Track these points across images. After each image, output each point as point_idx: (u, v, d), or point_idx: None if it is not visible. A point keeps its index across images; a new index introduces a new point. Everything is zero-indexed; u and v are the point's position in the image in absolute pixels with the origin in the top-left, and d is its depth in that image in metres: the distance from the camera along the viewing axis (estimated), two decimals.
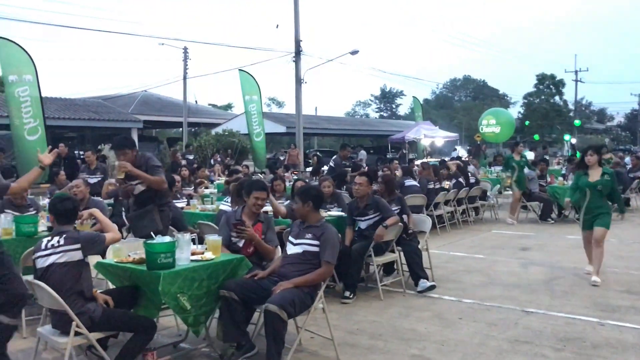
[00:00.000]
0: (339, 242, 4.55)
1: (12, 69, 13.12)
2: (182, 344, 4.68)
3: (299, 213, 4.65)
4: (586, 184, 6.57)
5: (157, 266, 3.93)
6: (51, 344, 3.93)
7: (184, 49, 31.55)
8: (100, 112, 24.73)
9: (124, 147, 5.36)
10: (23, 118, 13.13)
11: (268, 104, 58.42)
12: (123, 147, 5.38)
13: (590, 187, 6.53)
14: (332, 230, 4.55)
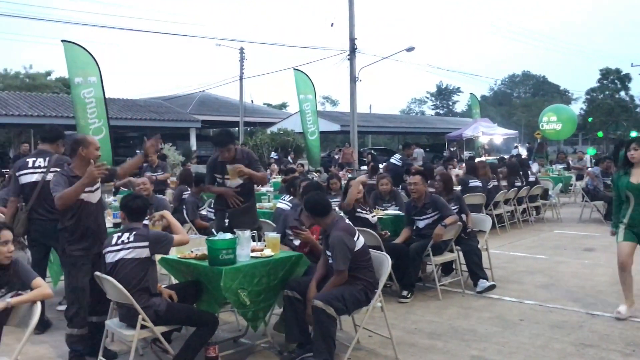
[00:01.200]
0: (344, 243, 4.18)
1: (78, 71, 13.59)
2: (242, 339, 4.76)
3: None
4: (628, 186, 5.07)
5: (219, 262, 4.03)
6: (118, 336, 4.07)
7: (241, 50, 32.05)
8: (160, 112, 25.45)
9: (228, 143, 5.28)
10: (88, 118, 13.59)
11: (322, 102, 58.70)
12: (227, 143, 5.28)
13: (634, 190, 5.05)
14: (335, 235, 4.23)
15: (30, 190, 4.89)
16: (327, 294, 4.05)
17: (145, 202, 4.20)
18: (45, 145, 5.09)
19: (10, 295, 3.34)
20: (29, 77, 38.10)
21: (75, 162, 4.29)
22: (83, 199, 4.21)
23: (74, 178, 4.20)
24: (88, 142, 4.28)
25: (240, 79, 31.86)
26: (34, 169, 4.93)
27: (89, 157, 4.24)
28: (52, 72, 39.86)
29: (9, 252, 3.36)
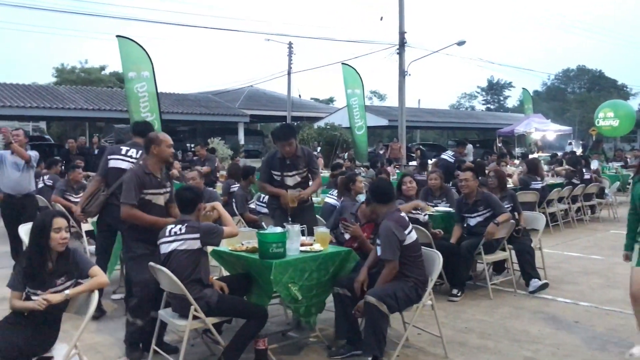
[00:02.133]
0: (392, 234, 4.16)
1: (132, 66, 13.90)
2: (290, 332, 4.79)
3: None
4: None
5: (269, 255, 4.05)
6: (171, 326, 4.15)
7: (289, 44, 32.21)
8: (209, 106, 25.82)
9: (291, 137, 5.23)
10: (141, 112, 13.90)
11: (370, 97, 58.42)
12: (290, 136, 5.24)
13: None
14: (385, 224, 4.23)
15: (115, 175, 5.00)
16: (380, 291, 4.02)
17: (196, 193, 4.23)
18: (138, 138, 5.20)
19: (70, 284, 3.45)
20: (85, 72, 39.33)
21: (149, 160, 4.36)
22: (150, 200, 4.32)
23: (147, 175, 4.31)
24: (160, 140, 4.35)
25: (288, 73, 32.02)
26: (125, 157, 5.08)
27: (160, 155, 4.34)
28: (106, 67, 41.07)
29: (61, 239, 3.43)
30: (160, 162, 4.38)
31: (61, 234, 3.43)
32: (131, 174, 4.34)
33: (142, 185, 4.29)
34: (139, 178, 4.29)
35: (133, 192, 4.24)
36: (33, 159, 7.09)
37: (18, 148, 6.89)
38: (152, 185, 4.34)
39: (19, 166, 6.99)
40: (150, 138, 4.40)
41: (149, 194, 4.32)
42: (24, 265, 3.48)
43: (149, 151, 4.35)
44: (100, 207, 5.07)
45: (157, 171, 4.37)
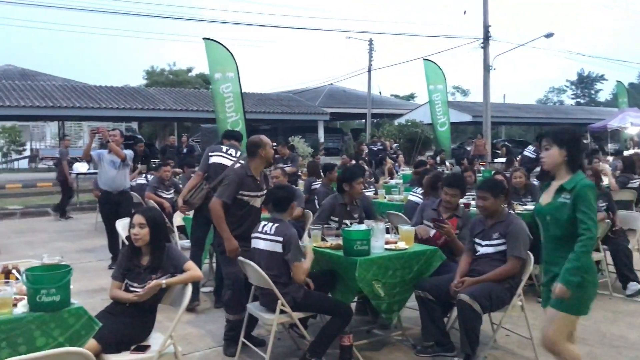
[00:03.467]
0: (525, 232, 4.19)
1: (218, 67, 14.31)
2: (375, 330, 4.78)
3: (491, 209, 4.32)
4: (536, 210, 3.35)
5: (354, 253, 4.07)
6: (259, 319, 4.25)
7: (370, 41, 32.07)
8: (290, 105, 26.21)
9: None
10: (226, 112, 14.30)
11: (452, 92, 57.03)
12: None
13: (540, 215, 3.27)
14: (519, 222, 4.25)
15: (216, 171, 5.29)
16: (475, 289, 3.95)
17: (289, 192, 4.28)
18: (233, 141, 5.70)
19: (165, 277, 3.61)
20: (173, 74, 40.92)
21: (254, 162, 4.50)
22: (248, 202, 4.47)
23: (249, 178, 4.46)
24: (265, 143, 4.50)
25: (368, 70, 31.91)
26: (226, 154, 5.46)
27: (267, 157, 4.50)
28: (192, 69, 42.51)
29: (133, 234, 3.61)
30: (265, 164, 4.55)
31: (136, 229, 3.60)
32: (235, 174, 4.49)
33: (241, 186, 4.44)
34: (240, 179, 4.45)
35: (230, 191, 4.40)
36: (128, 158, 7.46)
37: (115, 147, 7.28)
38: (251, 188, 4.49)
39: (115, 164, 7.37)
40: (255, 142, 4.53)
41: (247, 196, 4.46)
42: (121, 258, 3.72)
43: (257, 154, 4.49)
44: (202, 199, 5.31)
45: (258, 174, 4.51)
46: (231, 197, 4.41)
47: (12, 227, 10.94)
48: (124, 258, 3.73)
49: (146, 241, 3.63)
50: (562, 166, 3.14)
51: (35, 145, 32.62)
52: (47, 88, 20.85)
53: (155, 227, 3.64)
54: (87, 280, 6.60)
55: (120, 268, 3.70)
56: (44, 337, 2.89)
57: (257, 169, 4.53)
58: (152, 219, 3.65)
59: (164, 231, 3.75)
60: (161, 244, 3.68)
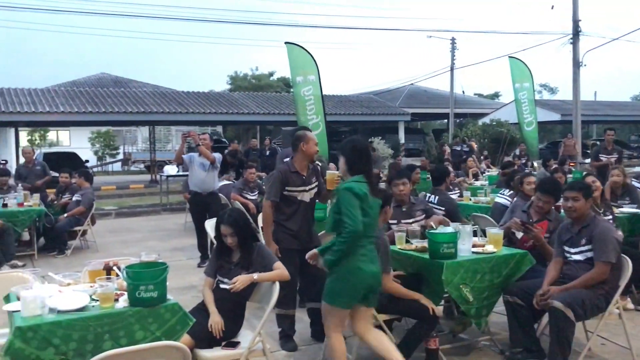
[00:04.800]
0: (613, 236, 3.94)
1: (299, 70, 14.52)
2: (461, 334, 4.68)
3: (580, 211, 4.10)
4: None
5: (440, 256, 4.01)
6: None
7: (452, 40, 31.48)
8: (371, 106, 26.14)
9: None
10: (307, 115, 14.46)
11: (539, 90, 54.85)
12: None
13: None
14: (605, 225, 4.05)
15: None
16: (568, 296, 3.78)
17: (384, 196, 4.15)
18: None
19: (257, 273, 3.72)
20: (255, 78, 41.92)
21: (296, 157, 4.58)
22: (295, 197, 4.54)
23: (292, 173, 4.53)
24: (308, 138, 4.55)
25: (451, 69, 31.30)
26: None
27: (308, 152, 4.54)
28: (274, 73, 43.38)
29: (230, 244, 3.75)
30: (307, 159, 4.57)
31: (228, 239, 3.75)
32: (277, 172, 4.61)
33: (285, 182, 4.52)
34: (283, 176, 4.53)
35: (275, 189, 4.51)
36: (217, 160, 7.72)
37: (205, 150, 7.55)
38: (297, 183, 4.55)
39: (205, 166, 7.64)
40: (298, 136, 4.60)
41: (293, 191, 4.53)
42: (212, 256, 3.89)
43: (298, 148, 4.56)
44: None
45: (303, 169, 4.55)
46: (278, 195, 4.51)
47: (107, 226, 11.59)
48: (215, 255, 3.89)
49: (236, 243, 3.76)
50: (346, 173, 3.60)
51: (127, 149, 34.39)
52: (139, 94, 21.92)
53: (240, 229, 3.75)
54: (179, 278, 6.88)
55: (213, 265, 3.84)
56: (143, 330, 3.05)
57: (301, 164, 4.56)
58: (236, 221, 3.75)
59: (250, 230, 3.85)
60: (248, 241, 3.80)
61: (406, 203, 5.04)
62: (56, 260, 8.38)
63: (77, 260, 8.17)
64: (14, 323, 2.92)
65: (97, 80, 33.83)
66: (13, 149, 19.07)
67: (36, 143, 28.75)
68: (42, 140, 30.40)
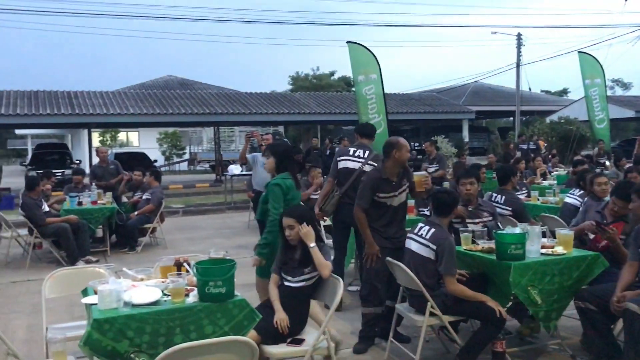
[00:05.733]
0: None
1: (361, 69, 14.46)
2: (529, 337, 4.56)
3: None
4: None
5: (507, 257, 3.93)
6: (407, 320, 4.25)
7: (518, 35, 30.62)
8: (433, 105, 25.77)
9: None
10: (369, 114, 14.39)
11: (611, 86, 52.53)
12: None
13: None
14: None
15: (345, 176, 5.41)
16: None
17: (453, 198, 4.16)
18: (364, 140, 5.57)
19: (315, 274, 3.75)
20: (316, 78, 42.14)
21: (388, 164, 4.53)
22: (385, 203, 4.51)
23: (382, 180, 4.51)
24: (401, 145, 4.50)
25: (517, 66, 30.43)
26: (353, 157, 5.45)
27: (401, 159, 4.49)
28: (335, 72, 43.47)
29: (288, 236, 3.79)
30: (398, 166, 4.52)
31: (287, 231, 3.80)
32: (368, 179, 4.58)
33: (376, 189, 4.49)
34: (374, 182, 4.51)
35: (366, 196, 4.49)
36: None
37: None
38: (387, 190, 4.51)
39: None
40: (391, 142, 4.55)
41: (383, 197, 4.50)
42: (278, 253, 3.96)
43: (390, 155, 4.50)
44: (335, 206, 5.46)
45: (393, 175, 4.51)
46: (368, 201, 4.50)
47: (175, 224, 11.95)
48: (280, 253, 3.95)
49: (298, 239, 3.79)
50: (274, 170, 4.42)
51: (193, 149, 35.35)
52: (204, 96, 22.47)
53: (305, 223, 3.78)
54: (244, 275, 6.92)
55: (278, 262, 3.91)
56: (212, 325, 3.14)
57: (392, 171, 4.51)
58: (300, 216, 3.80)
59: (314, 228, 3.86)
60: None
61: (473, 203, 4.95)
62: (127, 256, 8.73)
63: (147, 256, 8.48)
64: (91, 315, 3.06)
65: (164, 82, 34.94)
66: (86, 149, 19.92)
67: (107, 144, 29.96)
68: (113, 141, 31.66)
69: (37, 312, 4.96)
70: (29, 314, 5.85)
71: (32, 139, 40.77)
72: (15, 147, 51.20)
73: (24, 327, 5.43)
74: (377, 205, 4.51)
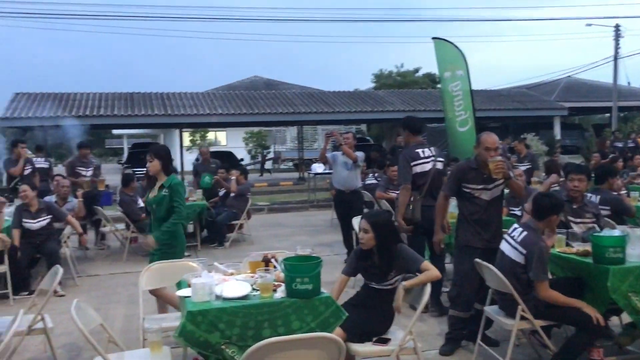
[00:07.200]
0: None
1: (447, 66, 14.21)
2: (629, 346, 4.30)
3: None
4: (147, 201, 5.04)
5: (605, 260, 3.73)
6: (497, 323, 4.12)
7: (616, 27, 28.91)
8: (523, 101, 24.84)
9: None
10: (455, 111, 14.11)
11: None
12: None
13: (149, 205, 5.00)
14: None
15: (420, 179, 5.29)
16: None
17: (554, 204, 3.90)
18: (417, 136, 5.48)
19: (399, 277, 3.70)
20: (400, 75, 41.69)
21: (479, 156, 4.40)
22: (473, 194, 4.40)
23: (472, 170, 4.41)
24: (479, 142, 4.38)
25: (614, 59, 28.77)
26: (426, 159, 5.33)
27: (482, 156, 4.35)
28: (419, 69, 42.83)
29: (361, 239, 3.73)
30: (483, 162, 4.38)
31: (360, 234, 3.74)
32: (456, 168, 4.57)
33: (461, 179, 4.41)
34: (461, 172, 4.44)
35: (450, 183, 4.50)
36: (360, 159, 7.80)
37: (347, 149, 7.67)
38: (476, 181, 4.40)
39: (347, 165, 7.76)
40: (477, 138, 4.46)
41: (471, 188, 4.39)
42: (351, 256, 3.93)
43: (476, 149, 4.41)
44: (419, 213, 5.27)
45: (484, 168, 4.37)
46: (452, 189, 4.48)
47: (261, 221, 12.24)
48: (354, 257, 3.89)
49: (371, 245, 3.70)
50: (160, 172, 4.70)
51: (277, 148, 36.03)
52: (288, 96, 22.83)
53: (380, 232, 3.68)
54: (326, 273, 6.93)
55: (350, 266, 3.86)
56: (299, 321, 3.19)
57: (482, 163, 4.35)
58: (376, 224, 3.68)
59: (391, 235, 3.74)
60: (387, 246, 3.69)
61: (578, 201, 4.73)
62: (216, 251, 9.04)
63: (234, 251, 8.75)
64: (185, 307, 3.20)
65: (250, 83, 35.80)
66: (177, 148, 20.80)
67: (197, 143, 31.12)
68: (202, 140, 32.85)
69: (134, 302, 5.24)
70: (126, 304, 6.19)
71: (128, 138, 43.02)
72: (112, 146, 54.14)
73: (122, 317, 5.75)
74: (467, 197, 4.42)
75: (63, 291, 6.54)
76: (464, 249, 4.41)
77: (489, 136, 4.40)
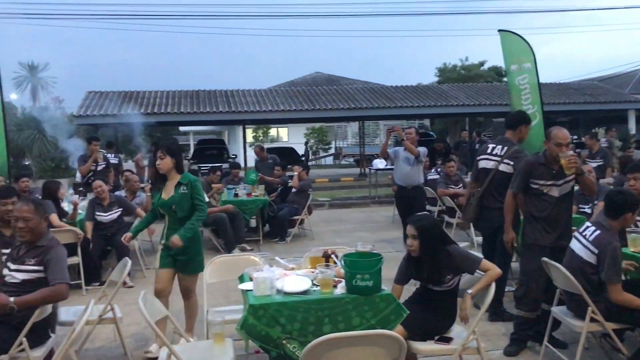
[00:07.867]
0: None
1: (514, 58, 13.81)
2: None
3: None
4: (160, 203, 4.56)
5: None
6: (565, 324, 3.98)
7: None
8: (594, 94, 23.83)
9: None
10: (522, 105, 13.67)
11: None
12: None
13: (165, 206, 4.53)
14: None
15: (484, 177, 5.11)
16: None
17: (626, 201, 3.72)
18: (509, 132, 5.15)
19: (457, 279, 3.63)
20: (465, 69, 40.78)
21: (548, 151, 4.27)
22: (541, 190, 4.24)
23: (541, 165, 4.25)
24: (549, 137, 4.22)
25: None
26: (491, 155, 5.10)
27: (550, 150, 4.20)
28: (485, 62, 41.78)
29: (409, 246, 3.59)
30: (553, 157, 4.21)
31: (409, 240, 3.60)
32: (524, 163, 4.40)
33: (530, 174, 4.27)
34: (529, 167, 4.30)
35: (518, 180, 4.34)
36: (422, 155, 7.69)
37: (409, 145, 7.57)
38: (544, 177, 4.24)
39: (409, 161, 7.66)
40: (547, 133, 4.31)
41: (539, 184, 4.24)
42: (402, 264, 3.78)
43: (545, 144, 4.27)
44: (476, 211, 5.14)
45: (554, 163, 4.21)
46: (520, 186, 4.33)
47: (321, 216, 12.28)
48: (404, 263, 3.75)
49: (417, 251, 3.58)
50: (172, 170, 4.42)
51: (338, 143, 36.09)
52: (350, 91, 22.78)
53: (426, 238, 3.54)
54: (387, 269, 6.88)
55: (401, 273, 3.73)
56: (359, 317, 3.18)
57: (552, 159, 4.20)
58: (421, 229, 3.54)
59: (437, 240, 3.58)
60: (434, 250, 3.55)
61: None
62: (278, 245, 9.14)
63: (295, 246, 8.82)
64: (247, 301, 3.25)
65: (312, 79, 36.00)
66: (241, 144, 21.17)
67: (260, 139, 31.62)
68: (264, 137, 33.36)
69: (198, 295, 5.37)
70: None
71: (194, 135, 44.23)
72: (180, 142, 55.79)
73: None
74: (535, 194, 4.27)
75: (132, 282, 6.78)
76: (531, 247, 4.26)
77: (559, 131, 4.23)
